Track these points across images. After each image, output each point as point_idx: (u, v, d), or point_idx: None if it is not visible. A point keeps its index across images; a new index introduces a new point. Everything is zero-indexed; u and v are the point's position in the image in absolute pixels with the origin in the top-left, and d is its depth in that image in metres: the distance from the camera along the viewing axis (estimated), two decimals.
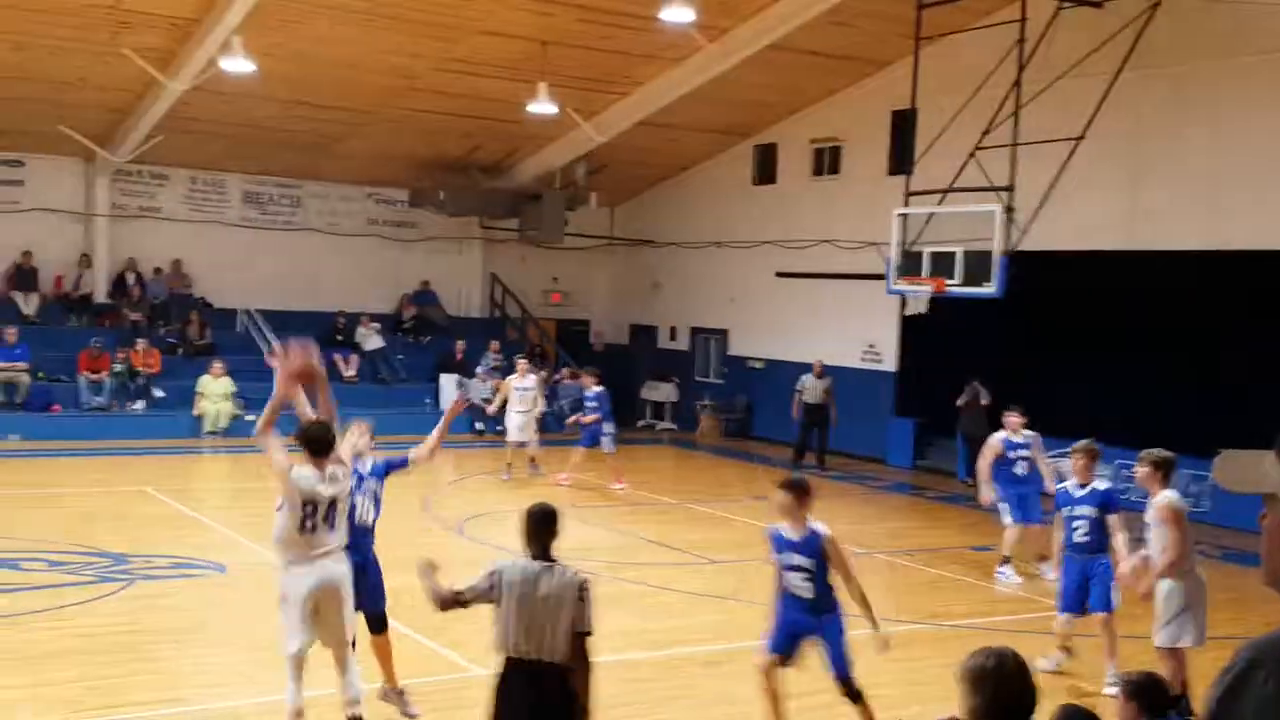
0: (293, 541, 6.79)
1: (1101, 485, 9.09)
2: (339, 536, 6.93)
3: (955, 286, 16.31)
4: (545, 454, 17.83)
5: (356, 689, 7.02)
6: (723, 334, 25.22)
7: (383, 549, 7.58)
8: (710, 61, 19.16)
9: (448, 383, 23.49)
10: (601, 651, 5.75)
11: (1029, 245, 16.17)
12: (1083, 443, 9.20)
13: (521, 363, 18.36)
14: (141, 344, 21.06)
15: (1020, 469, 12.28)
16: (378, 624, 7.67)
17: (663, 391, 25.65)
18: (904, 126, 18.98)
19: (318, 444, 6.83)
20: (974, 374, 18.62)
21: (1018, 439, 12.32)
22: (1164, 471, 8.09)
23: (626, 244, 27.12)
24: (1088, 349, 17.35)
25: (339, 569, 6.90)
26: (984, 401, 18.07)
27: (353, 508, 7.27)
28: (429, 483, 17.37)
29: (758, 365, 24.10)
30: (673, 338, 26.53)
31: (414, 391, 23.48)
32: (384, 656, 7.75)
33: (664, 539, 13.97)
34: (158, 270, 22.89)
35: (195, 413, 20.47)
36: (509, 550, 12.77)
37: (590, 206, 24.42)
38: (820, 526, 7.06)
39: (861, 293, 21.02)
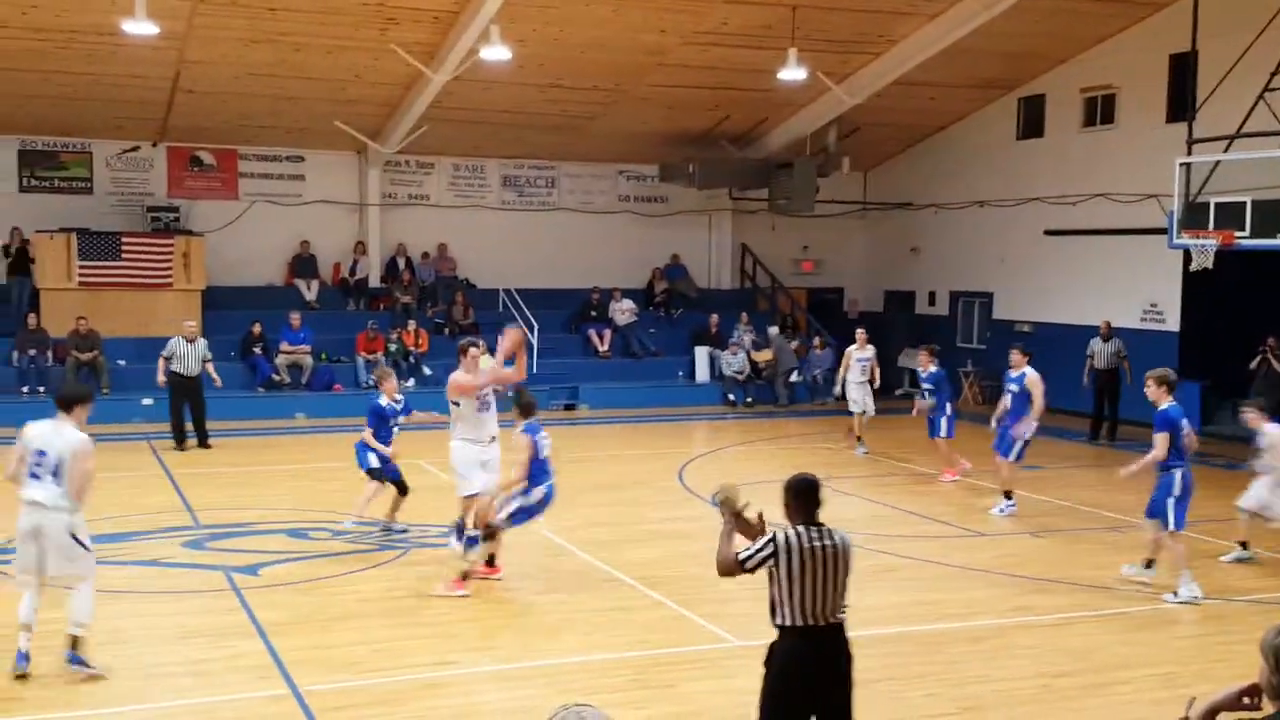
0: None
1: None
2: None
3: (1245, 239, 15.20)
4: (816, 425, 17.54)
5: None
6: (987, 297, 24.26)
7: (640, 520, 7.61)
8: (971, 13, 18.40)
9: (702, 355, 23.60)
10: (867, 625, 5.60)
11: None
12: None
13: (860, 333, 18.02)
14: (412, 325, 22.13)
15: None
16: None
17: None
18: (1184, 70, 17.93)
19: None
20: (1266, 332, 17.19)
21: None
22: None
23: (881, 208, 26.45)
24: None
25: None
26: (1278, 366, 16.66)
27: None
28: (683, 454, 17.50)
29: (1025, 329, 23.06)
30: (931, 303, 25.72)
31: (667, 365, 23.72)
32: None
33: (923, 511, 13.53)
34: (425, 254, 23.98)
35: None
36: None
37: (842, 172, 23.90)
38: None
39: (1140, 249, 19.97)
